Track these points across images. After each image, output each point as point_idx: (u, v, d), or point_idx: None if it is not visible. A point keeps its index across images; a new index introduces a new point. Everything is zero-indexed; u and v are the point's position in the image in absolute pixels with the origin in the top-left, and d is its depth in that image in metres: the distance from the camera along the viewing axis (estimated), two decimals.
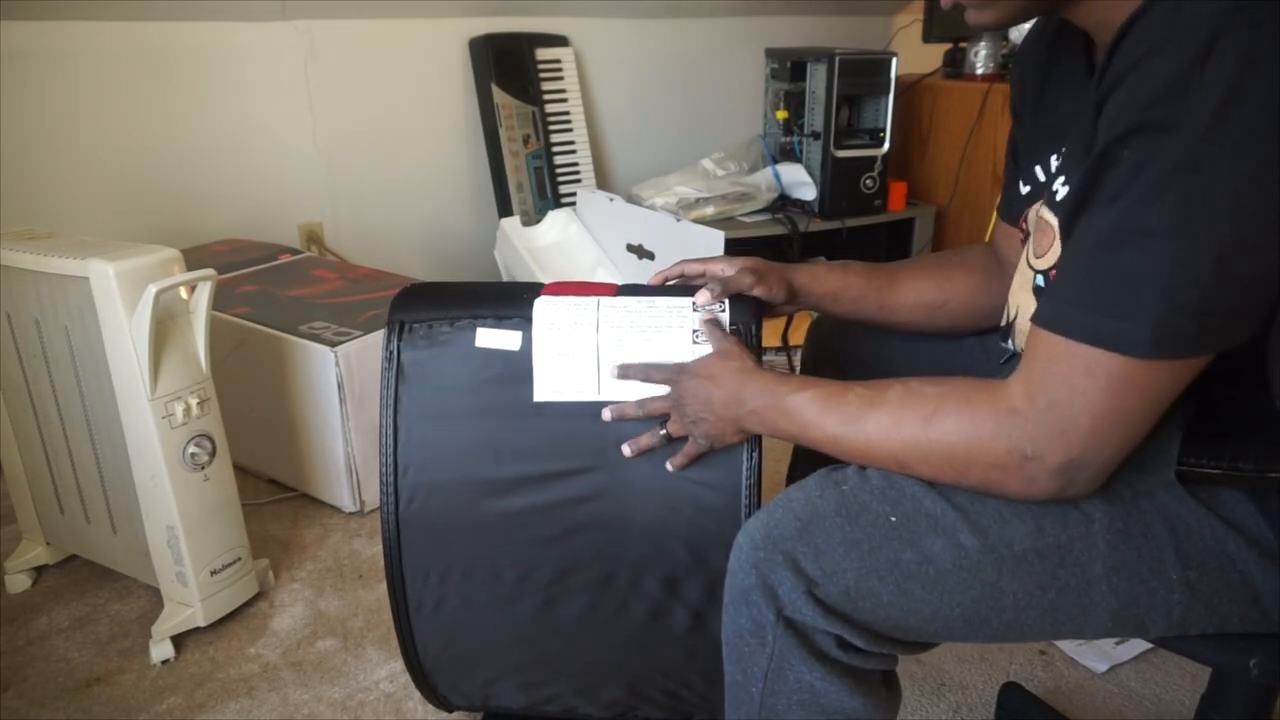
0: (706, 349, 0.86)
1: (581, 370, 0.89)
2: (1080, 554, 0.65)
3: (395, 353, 0.92)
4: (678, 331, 0.88)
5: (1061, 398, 0.59)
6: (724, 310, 0.89)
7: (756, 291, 0.91)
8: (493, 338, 0.91)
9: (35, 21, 1.87)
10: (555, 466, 0.90)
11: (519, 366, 0.90)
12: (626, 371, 0.88)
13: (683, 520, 0.89)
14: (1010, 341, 0.82)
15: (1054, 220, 0.70)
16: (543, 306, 0.91)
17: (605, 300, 0.91)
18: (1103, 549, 0.64)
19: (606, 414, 0.88)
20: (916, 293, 0.94)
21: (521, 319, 0.91)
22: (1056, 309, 0.60)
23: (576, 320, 0.90)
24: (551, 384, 0.90)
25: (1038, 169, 0.80)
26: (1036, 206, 0.76)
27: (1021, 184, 0.84)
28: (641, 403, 0.87)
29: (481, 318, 0.92)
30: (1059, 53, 0.78)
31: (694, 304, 0.89)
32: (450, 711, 1.12)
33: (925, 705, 1.18)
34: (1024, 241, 0.79)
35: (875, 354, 1.00)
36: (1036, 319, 0.62)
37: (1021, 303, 0.77)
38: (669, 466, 0.87)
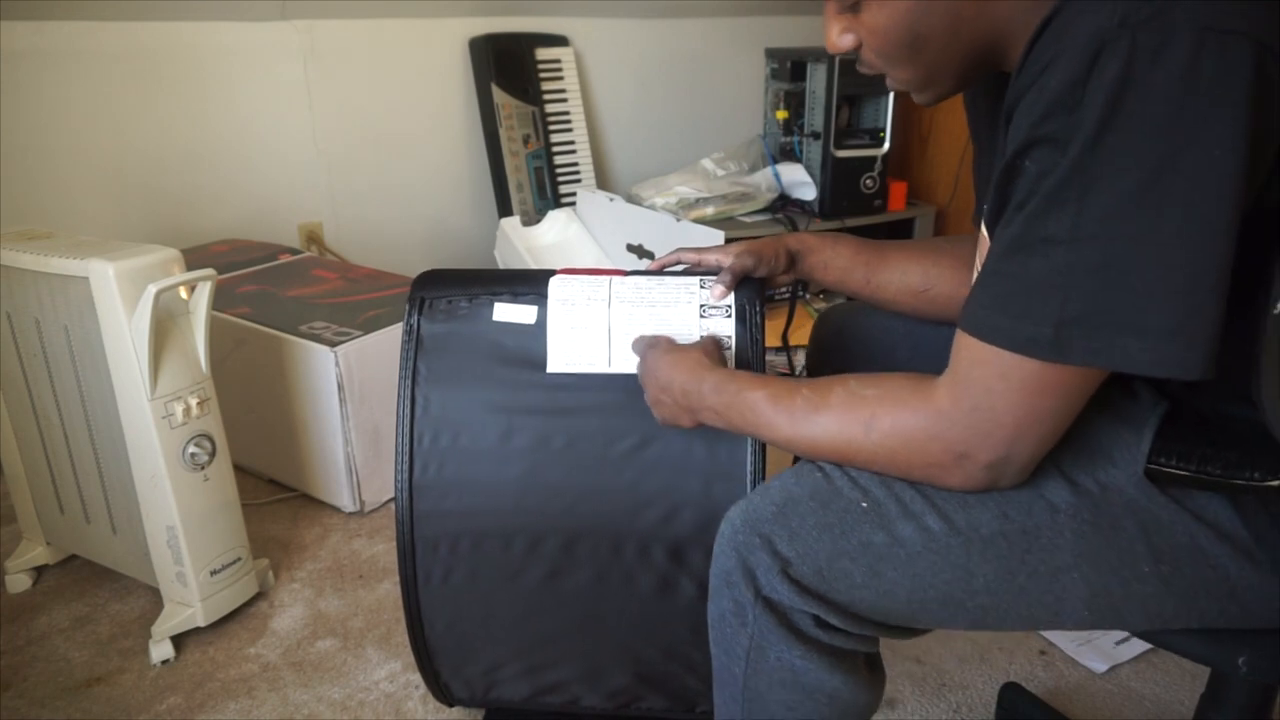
0: (713, 323, 0.92)
1: (593, 344, 0.94)
2: (1048, 541, 0.66)
3: (415, 326, 0.97)
4: (685, 306, 0.93)
5: (983, 401, 0.62)
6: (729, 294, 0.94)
7: (761, 272, 0.96)
8: (509, 312, 0.96)
9: (35, 21, 1.87)
10: (567, 434, 0.93)
11: (533, 341, 0.95)
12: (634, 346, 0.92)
13: (692, 488, 0.92)
14: None
15: (985, 234, 0.72)
16: (558, 284, 0.96)
17: (617, 278, 0.96)
18: (1070, 537, 0.66)
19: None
20: (902, 274, 0.96)
21: (537, 295, 0.96)
22: (975, 313, 0.63)
23: (590, 296, 0.94)
24: (564, 357, 0.94)
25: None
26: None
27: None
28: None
29: (499, 294, 0.97)
30: (1003, 83, 0.79)
31: (701, 281, 0.94)
32: (451, 705, 1.12)
33: (925, 705, 1.18)
34: None
35: (880, 345, 1.00)
36: (959, 321, 0.65)
37: None
38: None
